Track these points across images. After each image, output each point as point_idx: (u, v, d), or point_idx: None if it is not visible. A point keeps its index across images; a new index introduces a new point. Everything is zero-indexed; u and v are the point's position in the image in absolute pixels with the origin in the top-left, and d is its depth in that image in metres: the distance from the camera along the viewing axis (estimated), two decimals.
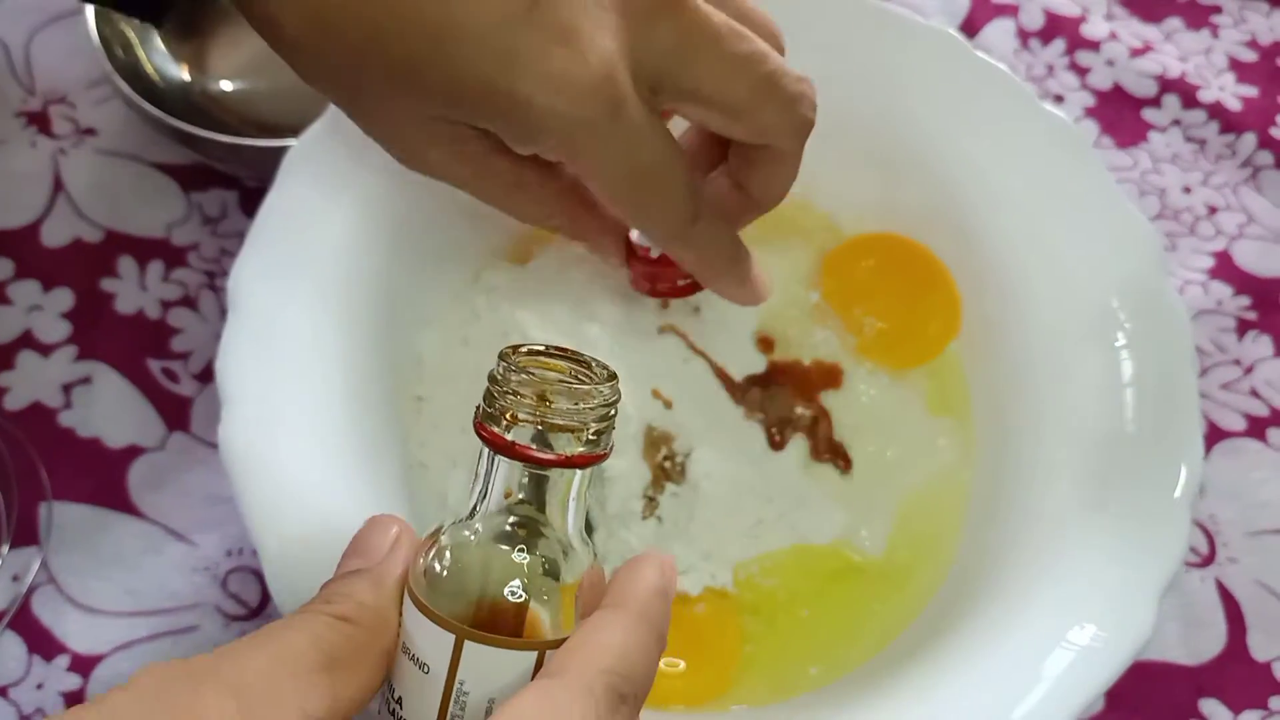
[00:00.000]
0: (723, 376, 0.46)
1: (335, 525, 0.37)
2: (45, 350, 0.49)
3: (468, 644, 0.26)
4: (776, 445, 0.46)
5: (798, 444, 0.46)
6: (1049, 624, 0.38)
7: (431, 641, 0.26)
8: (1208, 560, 0.50)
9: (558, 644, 0.27)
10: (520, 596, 0.26)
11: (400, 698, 0.27)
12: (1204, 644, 0.48)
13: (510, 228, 0.49)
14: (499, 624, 0.27)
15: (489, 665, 0.26)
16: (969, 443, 0.47)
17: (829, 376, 0.47)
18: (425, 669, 0.26)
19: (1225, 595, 0.49)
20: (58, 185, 0.53)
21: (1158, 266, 0.42)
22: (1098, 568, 0.39)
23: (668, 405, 0.45)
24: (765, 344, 0.48)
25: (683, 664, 0.43)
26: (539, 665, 0.27)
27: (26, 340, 0.49)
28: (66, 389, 0.48)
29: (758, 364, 0.47)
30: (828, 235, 0.50)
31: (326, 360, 0.41)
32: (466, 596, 0.26)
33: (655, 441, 0.45)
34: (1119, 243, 0.43)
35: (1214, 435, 0.52)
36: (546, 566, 0.27)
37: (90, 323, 0.50)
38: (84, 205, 0.52)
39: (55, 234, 0.51)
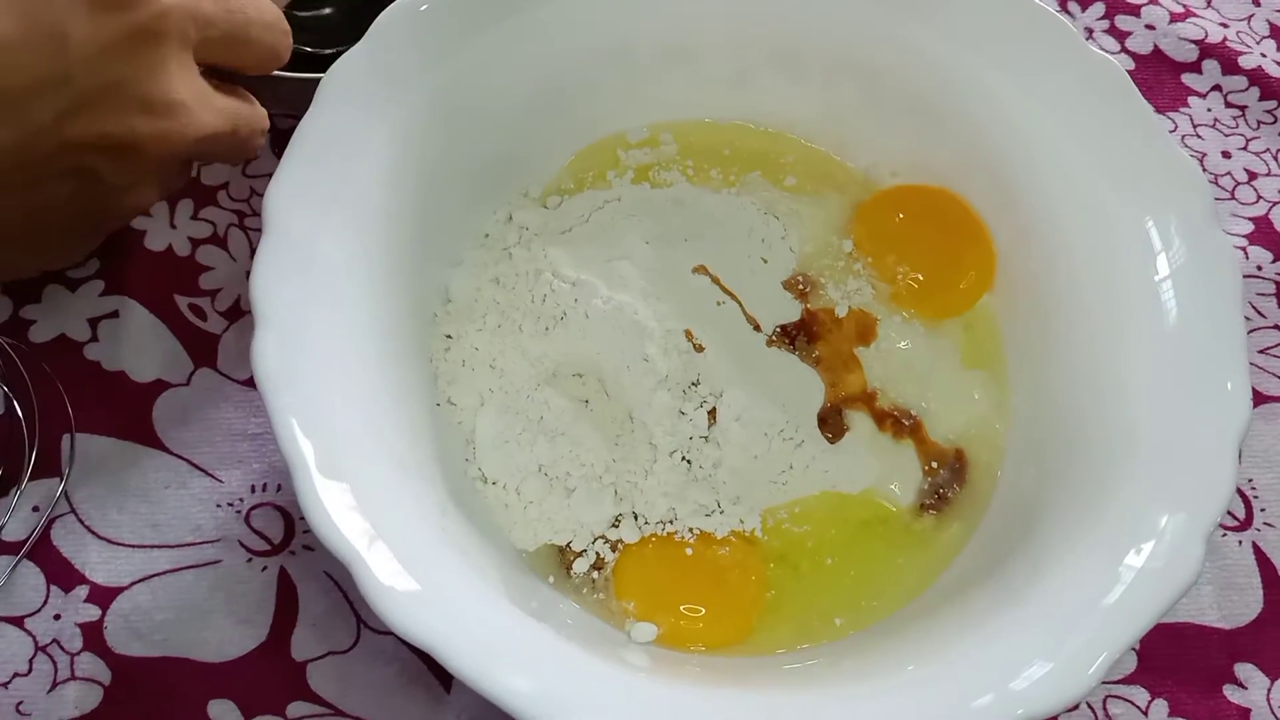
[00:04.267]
0: (754, 323, 0.46)
1: (360, 458, 0.37)
2: (73, 285, 0.49)
3: None
4: (834, 439, 0.45)
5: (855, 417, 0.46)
6: (1096, 560, 0.37)
7: None
8: (1245, 524, 0.49)
9: None
10: None
11: None
12: (1239, 608, 0.47)
13: (543, 171, 0.49)
14: None
15: None
16: (1003, 395, 0.46)
17: (864, 331, 0.47)
18: None
19: (1262, 559, 0.48)
20: None
21: (1206, 211, 0.41)
22: (1140, 510, 0.38)
23: (699, 349, 0.45)
24: (800, 291, 0.47)
25: (704, 610, 0.42)
26: None
27: (54, 274, 0.49)
28: (93, 323, 0.48)
29: (792, 310, 0.47)
30: (862, 190, 0.50)
31: (358, 291, 0.41)
32: None
33: (685, 383, 0.44)
34: (1166, 189, 0.42)
35: (1253, 400, 0.51)
36: None
37: (119, 258, 0.49)
38: None
39: None
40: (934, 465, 0.45)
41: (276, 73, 0.46)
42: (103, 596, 0.43)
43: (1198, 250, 0.41)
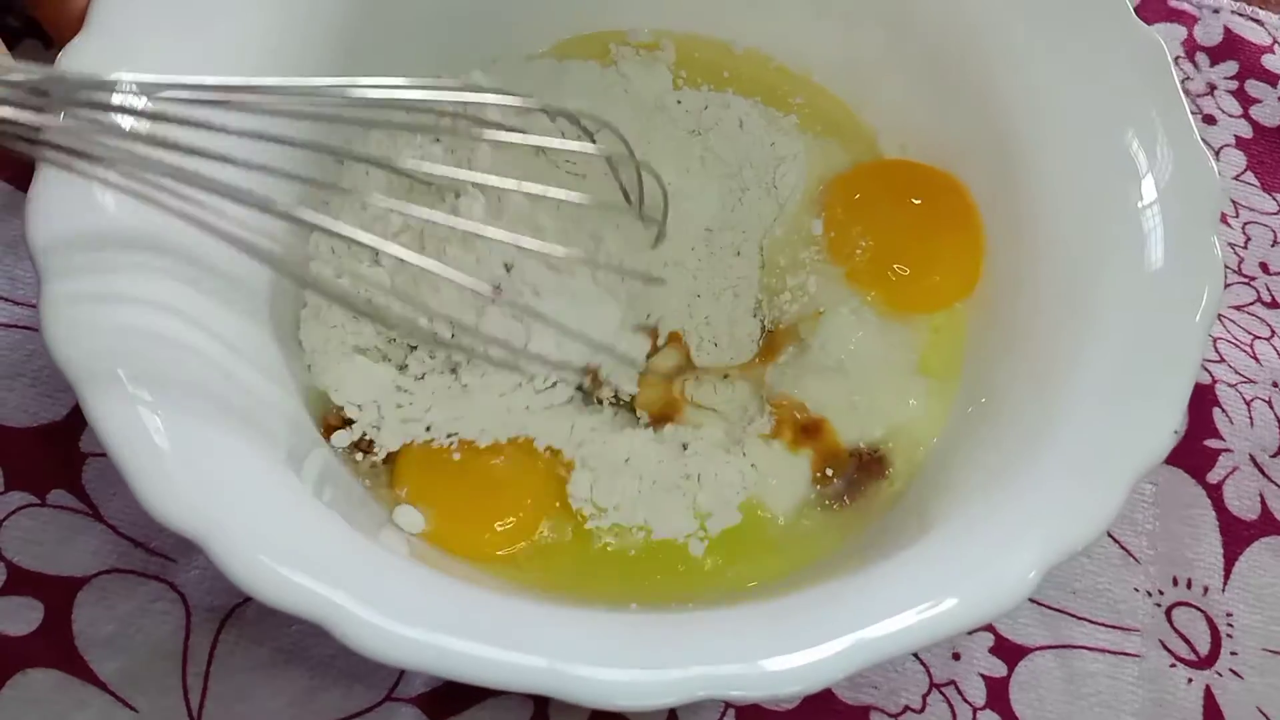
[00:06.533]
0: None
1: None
2: None
3: None
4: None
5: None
6: (925, 578, 0.30)
7: None
8: (1205, 662, 0.39)
9: None
10: None
11: None
12: None
13: (525, 46, 0.45)
14: None
15: None
16: (943, 408, 0.39)
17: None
18: None
19: (1211, 708, 0.38)
20: None
21: (1207, 218, 0.33)
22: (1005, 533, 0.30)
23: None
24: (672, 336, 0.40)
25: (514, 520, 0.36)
26: None
27: None
28: None
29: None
30: (866, 152, 0.44)
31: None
32: None
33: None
34: (1180, 191, 0.34)
35: (1265, 525, 0.41)
36: None
37: None
38: None
39: None
40: (828, 473, 0.38)
41: None
42: None
43: (1188, 257, 0.33)
